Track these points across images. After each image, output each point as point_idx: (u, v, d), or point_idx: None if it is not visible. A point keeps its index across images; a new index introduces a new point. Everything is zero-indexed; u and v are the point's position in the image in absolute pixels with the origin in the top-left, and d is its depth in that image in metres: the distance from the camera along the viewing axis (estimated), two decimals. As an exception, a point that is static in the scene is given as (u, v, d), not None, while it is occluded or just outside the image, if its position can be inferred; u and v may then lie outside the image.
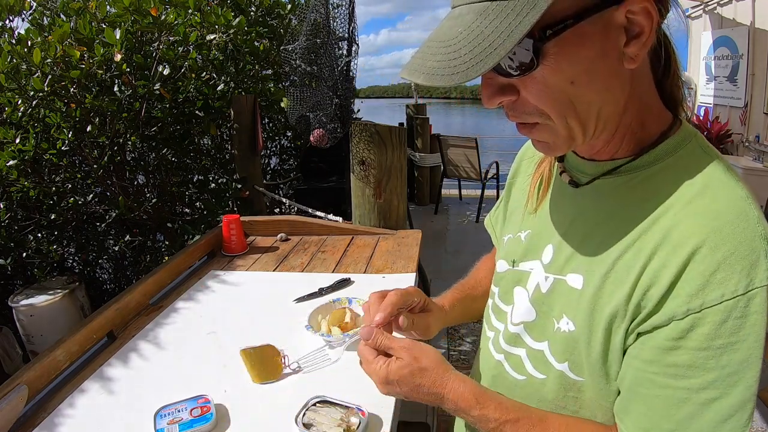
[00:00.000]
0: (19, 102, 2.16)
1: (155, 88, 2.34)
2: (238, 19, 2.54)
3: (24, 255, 2.31)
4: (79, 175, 2.57)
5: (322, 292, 1.41)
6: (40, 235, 2.44)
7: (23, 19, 2.39)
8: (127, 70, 2.29)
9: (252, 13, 3.18)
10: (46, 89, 2.11)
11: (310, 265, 1.66)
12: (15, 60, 2.07)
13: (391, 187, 1.98)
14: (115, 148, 2.47)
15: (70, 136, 2.23)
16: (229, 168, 3.10)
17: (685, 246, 0.49)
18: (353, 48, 2.58)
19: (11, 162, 2.11)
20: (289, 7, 3.52)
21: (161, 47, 2.37)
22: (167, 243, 2.79)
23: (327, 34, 2.45)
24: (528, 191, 0.73)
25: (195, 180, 2.90)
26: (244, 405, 0.95)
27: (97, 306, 1.51)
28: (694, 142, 0.56)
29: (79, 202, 2.47)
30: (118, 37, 2.12)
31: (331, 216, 2.35)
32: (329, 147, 2.72)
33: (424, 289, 2.34)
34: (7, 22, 2.30)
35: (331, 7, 2.47)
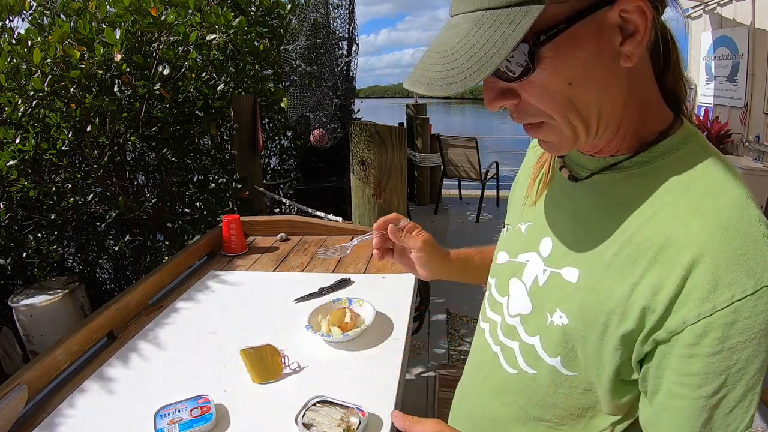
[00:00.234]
0: (19, 102, 2.16)
1: (155, 88, 2.34)
2: (238, 19, 2.55)
3: (24, 255, 2.31)
4: (79, 175, 2.57)
5: (322, 292, 1.41)
6: (40, 235, 2.44)
7: (23, 19, 2.39)
8: (127, 70, 2.29)
9: (252, 13, 3.18)
10: (46, 89, 2.11)
11: (310, 265, 1.66)
12: (15, 60, 2.07)
13: (391, 187, 1.98)
14: (115, 148, 2.47)
15: (70, 136, 2.23)
16: (229, 168, 3.10)
17: (690, 248, 0.49)
18: (353, 48, 2.58)
19: (11, 162, 2.11)
20: (289, 7, 3.52)
21: (161, 47, 2.37)
22: (167, 243, 2.79)
23: (327, 34, 2.45)
24: (528, 183, 0.74)
25: (195, 180, 2.90)
26: (244, 405, 0.95)
27: (97, 306, 1.51)
28: (694, 141, 0.56)
29: (79, 202, 2.47)
30: (118, 37, 2.12)
31: (331, 216, 2.35)
32: (329, 147, 2.72)
33: (424, 289, 2.35)
34: (7, 22, 2.31)
35: (331, 7, 2.47)
